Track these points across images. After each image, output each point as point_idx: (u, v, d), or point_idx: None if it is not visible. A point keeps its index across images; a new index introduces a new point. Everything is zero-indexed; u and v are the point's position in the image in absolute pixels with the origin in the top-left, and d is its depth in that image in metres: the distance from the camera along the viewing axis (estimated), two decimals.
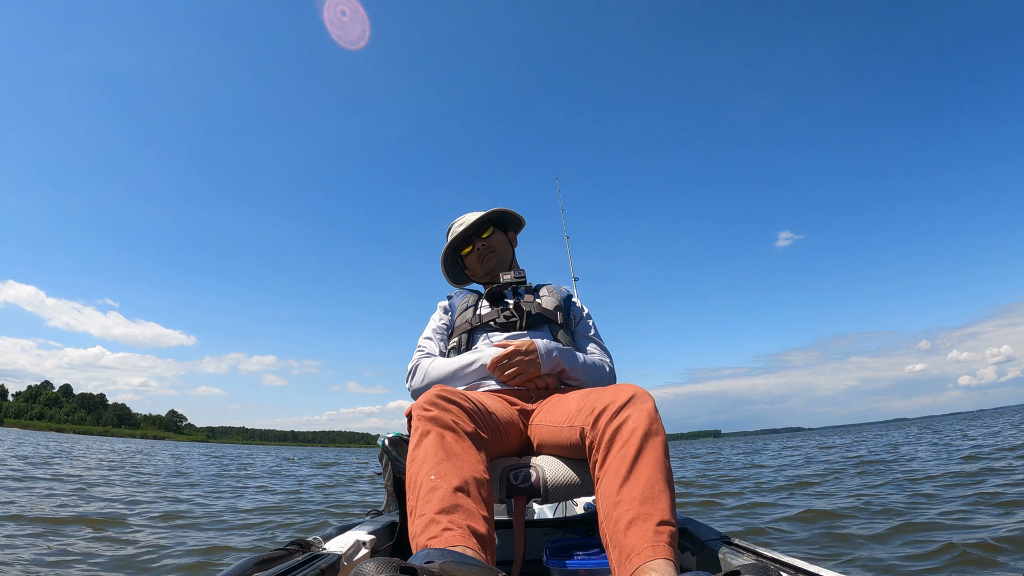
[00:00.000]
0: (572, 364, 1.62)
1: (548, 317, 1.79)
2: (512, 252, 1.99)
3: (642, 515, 1.00)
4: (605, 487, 1.08)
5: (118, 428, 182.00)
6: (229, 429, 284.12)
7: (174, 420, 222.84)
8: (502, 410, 1.41)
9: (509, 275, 1.74)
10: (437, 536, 0.94)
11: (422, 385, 1.64)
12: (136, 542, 3.65)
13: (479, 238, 1.92)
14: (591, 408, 1.22)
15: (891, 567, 2.81)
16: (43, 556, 3.09)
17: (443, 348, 1.81)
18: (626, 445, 1.10)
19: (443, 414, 1.16)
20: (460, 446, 1.12)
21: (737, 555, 1.18)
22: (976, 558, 2.79)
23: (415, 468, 1.09)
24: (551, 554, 1.30)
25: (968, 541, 3.02)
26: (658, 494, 1.03)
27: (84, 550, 3.33)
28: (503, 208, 1.95)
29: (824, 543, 3.42)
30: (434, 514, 0.98)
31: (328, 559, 1.13)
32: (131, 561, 3.18)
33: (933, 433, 20.64)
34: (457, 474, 1.05)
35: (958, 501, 4.32)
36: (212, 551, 3.52)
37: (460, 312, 1.84)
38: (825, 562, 2.74)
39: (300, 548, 1.18)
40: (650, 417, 1.14)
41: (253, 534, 4.21)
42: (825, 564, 1.15)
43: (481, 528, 0.98)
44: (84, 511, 4.72)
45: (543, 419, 1.45)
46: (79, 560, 3.10)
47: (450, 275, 2.05)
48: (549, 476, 1.32)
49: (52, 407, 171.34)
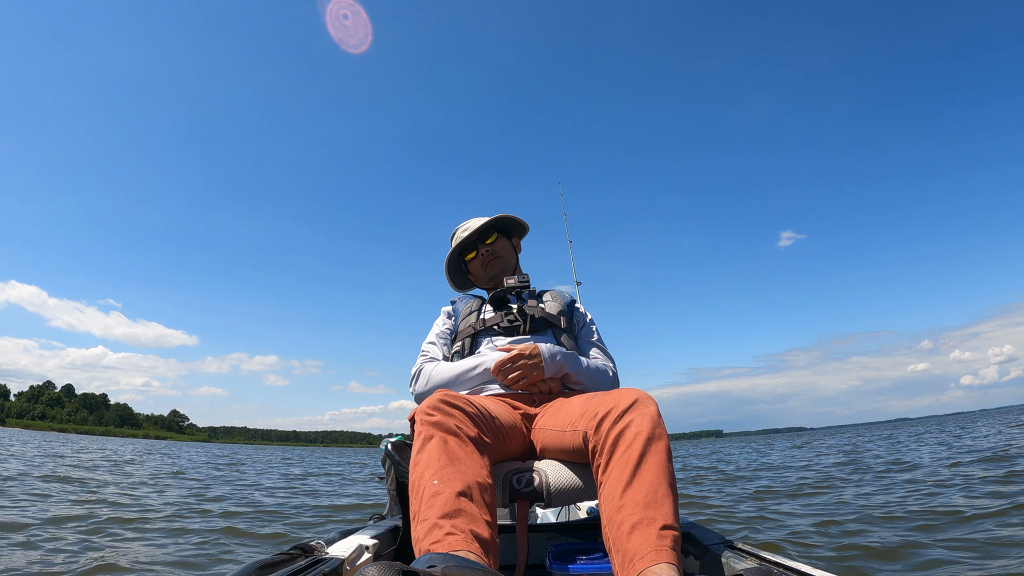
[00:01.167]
0: (576, 368, 1.62)
1: (552, 321, 1.79)
2: (516, 258, 2.00)
3: (645, 519, 1.00)
4: (608, 491, 1.09)
5: (120, 428, 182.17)
6: (231, 429, 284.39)
7: (176, 420, 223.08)
8: (505, 414, 1.41)
9: (513, 279, 1.75)
10: (440, 541, 0.94)
11: (426, 389, 1.65)
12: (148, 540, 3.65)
13: (483, 244, 1.92)
14: (594, 412, 1.22)
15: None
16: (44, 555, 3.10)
17: (447, 352, 1.81)
18: (629, 449, 1.10)
19: (446, 419, 1.16)
20: (463, 451, 1.12)
21: (740, 559, 1.18)
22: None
23: (418, 473, 1.09)
24: (554, 558, 1.30)
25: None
26: (661, 498, 1.03)
27: (79, 551, 3.34)
28: (507, 214, 1.96)
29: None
30: (437, 518, 0.98)
31: (331, 563, 1.13)
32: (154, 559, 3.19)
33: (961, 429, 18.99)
34: (460, 479, 1.05)
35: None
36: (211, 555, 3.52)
37: (464, 317, 1.84)
38: (830, 567, 2.72)
39: (303, 552, 1.18)
40: (653, 421, 1.14)
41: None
42: (829, 568, 1.15)
43: (484, 533, 0.99)
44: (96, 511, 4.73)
45: (546, 423, 1.45)
46: (77, 561, 3.11)
47: (454, 280, 2.06)
48: (552, 480, 1.32)
49: (54, 407, 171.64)
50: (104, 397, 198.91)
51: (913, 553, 3.05)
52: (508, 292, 1.77)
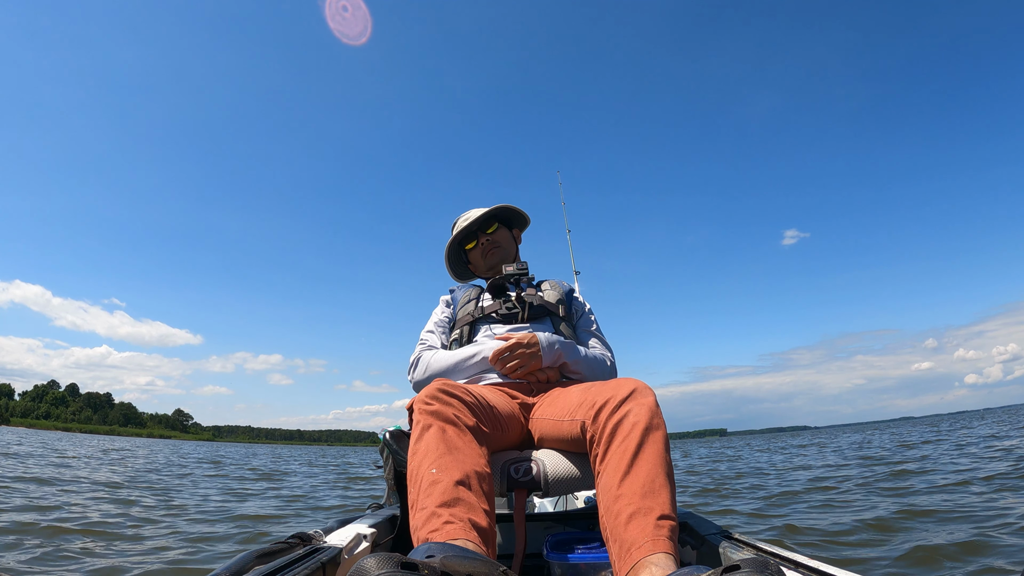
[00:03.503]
0: (574, 357, 1.62)
1: (550, 309, 1.79)
2: (516, 249, 2.00)
3: (642, 509, 1.00)
4: (606, 481, 1.09)
5: (124, 427, 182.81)
6: (235, 428, 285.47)
7: (180, 419, 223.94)
8: (503, 404, 1.41)
9: (511, 267, 1.75)
10: (438, 529, 0.94)
11: (423, 378, 1.65)
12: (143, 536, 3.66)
13: (483, 233, 1.93)
14: (592, 402, 1.22)
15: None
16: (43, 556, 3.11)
17: (445, 341, 1.81)
18: (627, 439, 1.10)
19: (444, 408, 1.16)
20: (461, 440, 1.12)
21: (737, 549, 1.18)
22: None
23: (416, 462, 1.09)
24: (552, 548, 1.30)
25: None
26: (659, 488, 1.03)
27: (80, 550, 3.34)
28: (508, 205, 1.97)
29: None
30: (435, 507, 0.98)
31: (329, 552, 1.14)
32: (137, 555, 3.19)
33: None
34: (458, 468, 1.05)
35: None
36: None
37: (462, 305, 1.85)
38: (828, 557, 2.72)
39: (301, 541, 1.18)
40: (651, 411, 1.14)
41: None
42: (825, 559, 1.15)
43: (482, 521, 0.99)
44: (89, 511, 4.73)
45: (544, 413, 1.45)
46: (76, 559, 3.11)
47: (454, 269, 2.06)
48: (550, 470, 1.32)
49: (58, 406, 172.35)
50: (108, 396, 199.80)
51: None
52: (506, 280, 1.77)
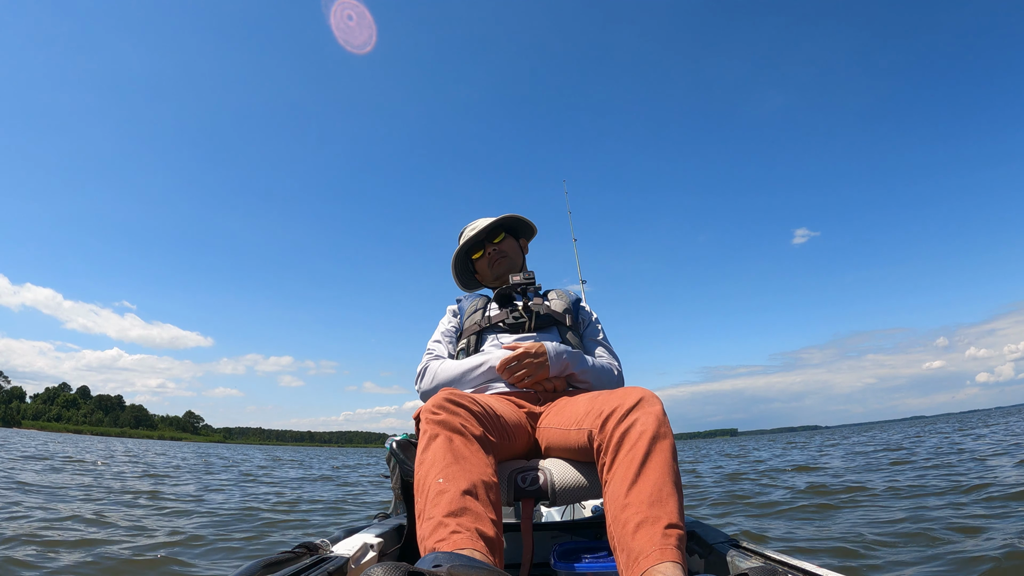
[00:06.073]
0: (581, 367, 1.62)
1: (557, 319, 1.79)
2: (523, 258, 2.00)
3: (650, 518, 0.99)
4: (613, 490, 1.08)
5: (135, 429, 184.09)
6: (246, 430, 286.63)
7: (191, 421, 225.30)
8: (510, 413, 1.41)
9: (518, 276, 1.75)
10: (445, 539, 0.94)
11: (431, 387, 1.65)
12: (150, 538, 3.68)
13: (490, 242, 1.93)
14: (599, 411, 1.22)
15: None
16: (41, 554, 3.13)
17: (452, 350, 1.81)
18: (634, 448, 1.10)
19: (451, 417, 1.16)
20: (468, 449, 1.12)
21: (745, 558, 1.17)
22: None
23: (423, 471, 1.09)
24: (559, 557, 1.30)
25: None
26: (666, 497, 1.03)
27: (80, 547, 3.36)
28: (516, 214, 1.96)
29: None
30: (442, 517, 0.98)
31: (335, 562, 1.14)
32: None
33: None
34: (465, 477, 1.05)
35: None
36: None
37: (469, 315, 1.85)
38: (836, 566, 2.69)
39: (307, 551, 1.19)
40: (658, 420, 1.13)
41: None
42: (833, 567, 1.14)
43: (489, 531, 0.99)
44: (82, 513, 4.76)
45: (551, 422, 1.45)
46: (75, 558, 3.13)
47: (460, 279, 2.06)
48: (557, 479, 1.32)
49: (70, 409, 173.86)
50: (119, 399, 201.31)
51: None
52: (513, 289, 1.77)
